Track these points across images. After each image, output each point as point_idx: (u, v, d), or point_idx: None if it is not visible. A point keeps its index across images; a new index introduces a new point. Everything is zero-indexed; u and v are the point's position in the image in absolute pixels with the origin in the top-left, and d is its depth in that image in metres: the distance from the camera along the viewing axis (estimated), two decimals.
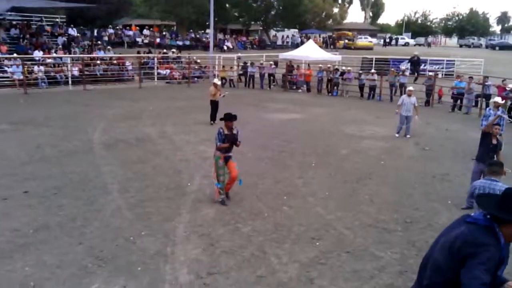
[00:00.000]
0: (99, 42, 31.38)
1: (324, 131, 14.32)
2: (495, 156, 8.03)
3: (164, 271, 5.61)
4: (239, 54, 31.06)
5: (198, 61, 27.99)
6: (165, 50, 31.03)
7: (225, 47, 41.29)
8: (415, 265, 5.81)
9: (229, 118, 7.85)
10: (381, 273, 5.68)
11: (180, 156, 10.94)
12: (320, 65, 23.90)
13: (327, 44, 48.36)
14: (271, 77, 25.42)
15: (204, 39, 42.39)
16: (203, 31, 47.96)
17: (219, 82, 14.90)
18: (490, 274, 2.70)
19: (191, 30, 46.32)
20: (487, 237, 2.82)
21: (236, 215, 7.45)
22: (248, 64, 25.48)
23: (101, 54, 26.80)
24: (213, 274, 5.57)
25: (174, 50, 31.15)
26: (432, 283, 2.93)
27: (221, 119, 7.95)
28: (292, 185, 9.08)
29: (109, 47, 29.97)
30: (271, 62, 26.06)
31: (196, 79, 26.36)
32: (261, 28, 54.37)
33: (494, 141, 7.97)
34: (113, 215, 7.34)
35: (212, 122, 14.57)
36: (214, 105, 14.70)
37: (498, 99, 11.47)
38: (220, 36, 46.02)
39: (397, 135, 13.68)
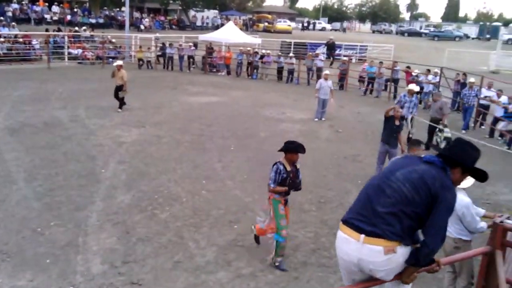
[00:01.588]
0: (2, 18, 28.76)
1: (243, 114, 14.42)
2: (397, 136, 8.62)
3: (75, 262, 5.38)
4: (157, 35, 30.10)
5: (113, 40, 26.69)
6: (76, 28, 29.22)
7: (142, 27, 39.75)
8: (327, 243, 6.12)
9: (295, 150, 5.52)
10: (296, 252, 5.90)
11: (93, 141, 10.45)
12: (240, 48, 23.90)
13: (247, 27, 48.46)
14: (191, 59, 24.98)
15: (119, 18, 40.46)
16: (118, 9, 45.75)
17: (115, 63, 14.01)
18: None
19: (105, 7, 43.99)
20: (449, 180, 2.88)
21: (153, 201, 7.31)
22: (167, 45, 24.81)
23: (4, 31, 24.62)
24: (128, 262, 5.44)
25: (85, 28, 29.43)
26: (399, 211, 2.80)
27: (280, 150, 5.62)
28: (211, 169, 9.08)
29: (13, 23, 27.65)
30: (190, 44, 25.59)
31: (111, 59, 25.14)
32: (180, 7, 53.06)
33: (397, 123, 8.54)
34: (18, 205, 6.87)
35: (119, 109, 13.62)
36: (116, 89, 13.63)
37: (413, 86, 12.17)
38: (136, 14, 44.20)
39: (316, 119, 14.12)
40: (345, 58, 22.17)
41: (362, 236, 2.80)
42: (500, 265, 3.06)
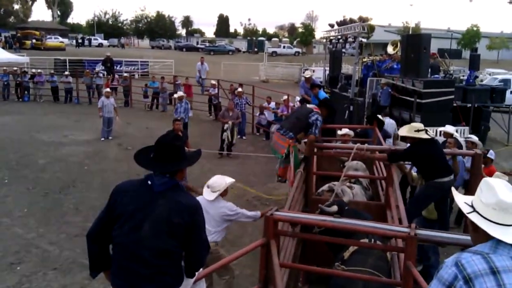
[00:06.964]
0: None
1: (16, 141, 12.78)
2: None
3: None
4: None
5: None
6: None
7: None
8: None
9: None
10: (92, 281, 5.47)
11: None
12: (5, 68, 21.18)
13: (11, 44, 43.42)
14: None
15: None
16: None
17: None
18: None
19: None
20: (193, 197, 2.83)
21: None
22: None
23: None
24: None
25: None
26: (163, 265, 2.61)
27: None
28: None
29: None
30: None
31: None
32: None
33: (179, 133, 8.93)
34: None
35: None
36: None
37: (179, 93, 13.46)
38: None
39: (102, 139, 13.49)
40: (126, 75, 21.82)
41: None
42: (274, 253, 3.33)
